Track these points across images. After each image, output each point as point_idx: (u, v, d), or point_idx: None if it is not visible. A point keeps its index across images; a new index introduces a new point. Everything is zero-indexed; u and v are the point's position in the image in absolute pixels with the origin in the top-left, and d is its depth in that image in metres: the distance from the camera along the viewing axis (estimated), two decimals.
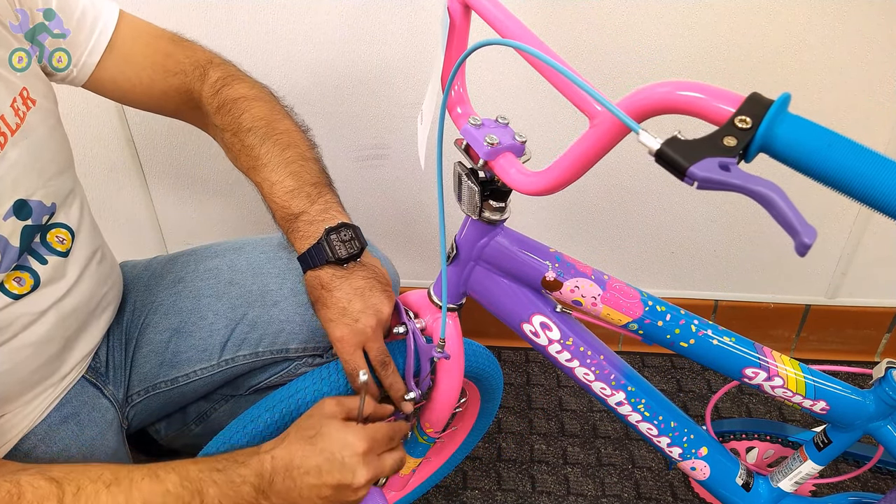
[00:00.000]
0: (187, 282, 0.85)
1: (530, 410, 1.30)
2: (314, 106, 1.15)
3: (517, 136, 0.59)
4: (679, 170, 0.41)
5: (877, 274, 1.30)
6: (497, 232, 0.66)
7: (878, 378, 0.67)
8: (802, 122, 0.41)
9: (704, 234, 1.26)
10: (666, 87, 0.45)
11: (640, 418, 0.72)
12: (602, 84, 1.10)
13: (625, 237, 1.28)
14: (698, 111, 0.44)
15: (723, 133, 0.41)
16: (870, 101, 1.09)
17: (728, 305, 1.36)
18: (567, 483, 1.17)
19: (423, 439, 0.82)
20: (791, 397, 0.67)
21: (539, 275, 0.66)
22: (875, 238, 1.24)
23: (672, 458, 0.75)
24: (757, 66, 1.07)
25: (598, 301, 0.65)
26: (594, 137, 0.49)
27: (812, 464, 0.74)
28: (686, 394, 1.33)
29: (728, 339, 0.66)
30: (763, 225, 1.23)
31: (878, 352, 1.40)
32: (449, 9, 0.58)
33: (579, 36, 1.06)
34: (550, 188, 0.54)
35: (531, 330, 0.69)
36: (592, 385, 0.71)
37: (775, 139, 0.41)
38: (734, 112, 0.42)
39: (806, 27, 1.03)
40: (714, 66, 1.07)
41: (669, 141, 0.42)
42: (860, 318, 1.36)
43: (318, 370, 0.73)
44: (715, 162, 0.40)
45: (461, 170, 0.62)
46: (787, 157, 0.42)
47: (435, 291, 0.72)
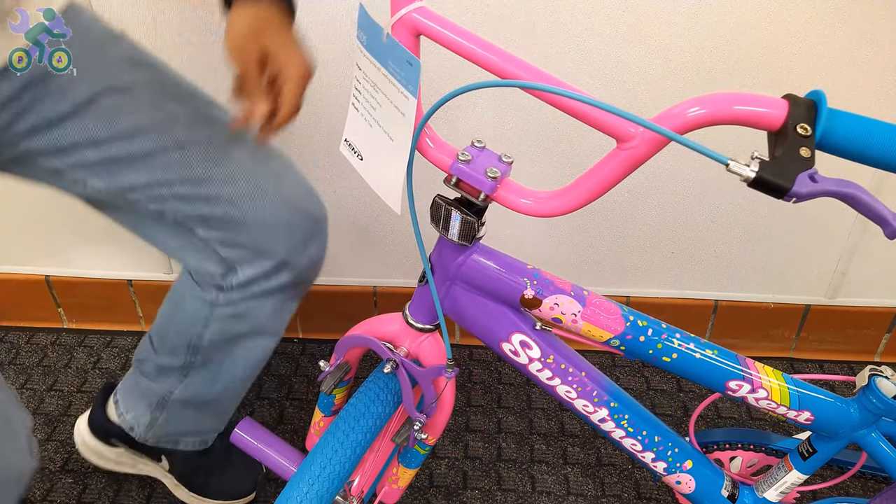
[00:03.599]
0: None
1: (530, 410, 1.30)
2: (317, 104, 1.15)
3: (503, 158, 0.58)
4: (782, 192, 0.44)
5: (877, 274, 1.30)
6: (473, 250, 0.65)
7: (862, 386, 0.67)
8: (849, 117, 0.46)
9: (704, 234, 1.26)
10: (717, 102, 0.47)
11: (623, 434, 0.72)
12: (602, 84, 1.10)
13: (625, 237, 1.28)
14: (751, 121, 0.46)
15: (796, 144, 0.45)
16: (870, 100, 1.09)
17: (728, 305, 1.36)
18: (567, 483, 1.17)
19: (423, 451, 0.82)
20: (775, 408, 0.66)
21: (517, 293, 0.64)
22: (875, 238, 1.24)
23: (657, 472, 0.74)
24: (756, 67, 1.07)
25: (578, 318, 0.64)
26: (628, 159, 0.50)
27: (797, 473, 0.73)
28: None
29: (711, 353, 0.65)
30: (763, 225, 1.23)
31: (878, 352, 1.40)
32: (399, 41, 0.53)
33: (577, 36, 1.06)
34: (570, 210, 0.54)
35: (511, 349, 0.68)
36: (575, 403, 0.70)
37: (829, 137, 0.45)
38: (788, 120, 0.45)
39: (806, 27, 1.03)
40: (714, 66, 1.07)
41: (763, 166, 0.44)
42: (860, 318, 1.35)
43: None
44: (805, 176, 0.44)
45: (446, 202, 0.60)
46: (841, 150, 0.46)
47: (411, 313, 0.71)
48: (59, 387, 1.34)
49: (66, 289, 1.43)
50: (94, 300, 1.44)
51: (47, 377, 1.36)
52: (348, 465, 0.64)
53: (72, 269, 1.41)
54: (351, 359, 0.76)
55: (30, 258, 1.41)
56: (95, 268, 1.41)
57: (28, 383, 1.35)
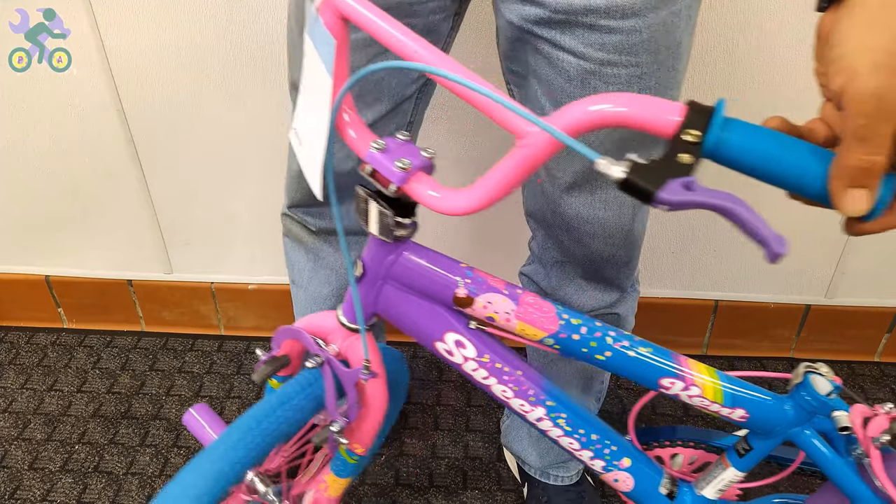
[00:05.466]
0: None
1: None
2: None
3: (424, 152, 0.56)
4: (647, 197, 0.41)
5: (877, 274, 1.30)
6: (404, 248, 0.64)
7: (796, 383, 0.66)
8: (745, 127, 0.42)
9: (704, 234, 1.26)
10: (605, 103, 0.44)
11: (561, 433, 0.71)
12: None
13: None
14: (640, 125, 0.44)
15: (675, 150, 0.42)
16: None
17: (728, 305, 1.36)
18: None
19: (352, 460, 0.80)
20: (709, 406, 0.66)
21: (450, 291, 0.63)
22: (874, 238, 1.24)
23: (595, 470, 0.74)
24: (757, 67, 1.07)
25: (511, 317, 0.63)
26: (525, 157, 0.48)
27: (734, 471, 0.73)
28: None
29: (644, 350, 0.65)
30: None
31: (878, 352, 1.40)
32: (327, 26, 0.53)
33: None
34: (475, 209, 0.52)
35: (445, 348, 0.67)
36: (511, 402, 0.69)
37: (721, 147, 0.42)
38: (680, 126, 0.42)
39: (807, 27, 1.03)
40: (713, 67, 1.07)
41: (633, 168, 0.42)
42: (860, 318, 1.35)
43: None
44: (678, 183, 0.41)
45: (366, 193, 0.59)
46: (732, 161, 0.42)
47: (345, 313, 0.69)
48: (59, 387, 1.34)
49: (66, 289, 1.43)
50: (94, 300, 1.44)
51: (47, 377, 1.36)
52: (256, 450, 0.63)
53: (72, 269, 1.41)
54: (291, 353, 0.74)
55: (30, 258, 1.41)
56: (95, 268, 1.41)
57: (28, 383, 1.35)
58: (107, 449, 1.22)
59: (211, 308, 1.43)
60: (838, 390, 0.64)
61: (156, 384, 1.35)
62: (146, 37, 1.11)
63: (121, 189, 1.29)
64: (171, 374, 1.37)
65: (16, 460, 1.20)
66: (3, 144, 1.24)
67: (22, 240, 1.38)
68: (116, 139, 1.22)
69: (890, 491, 0.64)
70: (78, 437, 1.24)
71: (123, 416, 1.28)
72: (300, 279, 0.98)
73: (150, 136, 1.22)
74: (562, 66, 0.67)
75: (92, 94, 1.16)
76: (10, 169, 1.27)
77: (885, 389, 1.35)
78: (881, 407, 0.66)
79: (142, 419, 1.28)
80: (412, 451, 1.23)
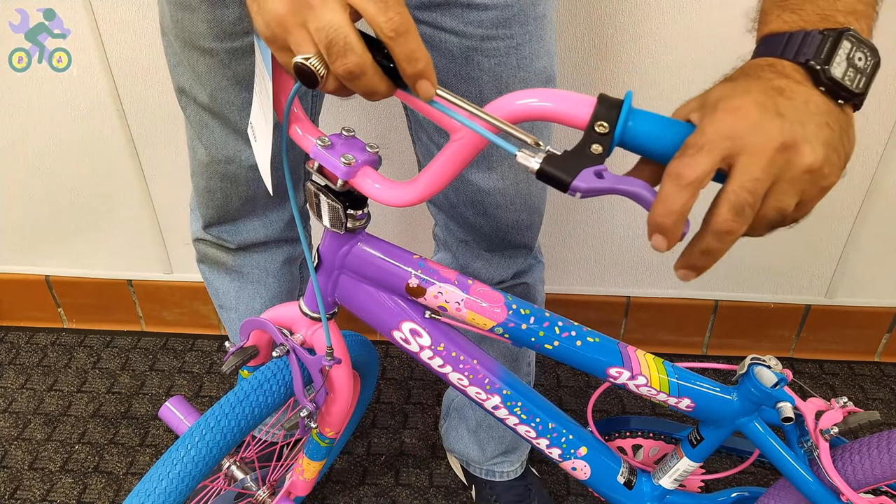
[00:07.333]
0: None
1: None
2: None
3: (369, 147, 0.59)
4: (563, 185, 0.45)
5: (877, 273, 1.30)
6: (357, 240, 0.66)
7: (741, 374, 0.68)
8: (648, 116, 0.46)
9: None
10: (523, 99, 0.48)
11: (517, 421, 0.73)
12: (598, 83, 1.10)
13: (625, 237, 1.28)
14: (558, 118, 0.47)
15: (588, 141, 0.46)
16: (869, 100, 1.09)
17: (728, 305, 1.36)
18: (567, 483, 1.17)
19: (324, 443, 0.82)
20: (656, 395, 0.68)
21: (402, 281, 0.66)
22: (874, 238, 1.24)
23: (552, 459, 0.76)
24: None
25: (461, 306, 0.66)
26: (458, 151, 0.51)
27: (688, 461, 0.75)
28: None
29: (592, 339, 0.67)
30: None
31: (878, 352, 1.40)
32: None
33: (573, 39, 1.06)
34: (417, 201, 0.55)
35: (402, 337, 0.69)
36: (468, 390, 0.71)
37: (629, 135, 0.46)
38: (591, 118, 0.46)
39: None
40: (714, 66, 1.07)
41: (547, 159, 0.46)
42: (860, 318, 1.36)
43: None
44: (590, 172, 0.45)
45: (316, 188, 0.61)
46: (640, 149, 0.47)
47: (307, 303, 0.71)
48: (59, 387, 1.34)
49: (66, 289, 1.43)
50: (94, 300, 1.44)
51: (47, 377, 1.36)
52: (230, 435, 0.67)
53: (72, 269, 1.41)
54: (260, 343, 0.76)
55: (30, 258, 1.41)
56: (95, 268, 1.41)
57: (28, 383, 1.35)
58: (107, 449, 1.22)
59: (211, 308, 1.43)
60: (784, 382, 0.66)
61: (156, 384, 1.35)
62: (146, 37, 1.11)
63: (121, 189, 1.29)
64: (171, 374, 1.37)
65: (16, 460, 1.20)
66: (3, 144, 1.24)
67: (22, 240, 1.38)
68: (116, 139, 1.22)
69: (835, 480, 0.66)
70: (78, 437, 1.24)
71: (123, 416, 1.28)
72: (227, 302, 0.98)
73: (150, 136, 1.22)
74: (444, 47, 0.70)
75: (92, 94, 1.16)
76: (10, 169, 1.27)
77: (884, 389, 1.35)
78: (836, 401, 0.68)
79: (142, 419, 1.28)
80: (412, 451, 1.23)
